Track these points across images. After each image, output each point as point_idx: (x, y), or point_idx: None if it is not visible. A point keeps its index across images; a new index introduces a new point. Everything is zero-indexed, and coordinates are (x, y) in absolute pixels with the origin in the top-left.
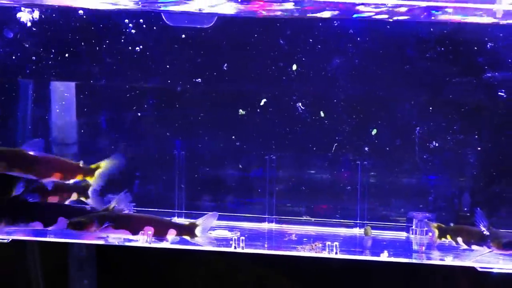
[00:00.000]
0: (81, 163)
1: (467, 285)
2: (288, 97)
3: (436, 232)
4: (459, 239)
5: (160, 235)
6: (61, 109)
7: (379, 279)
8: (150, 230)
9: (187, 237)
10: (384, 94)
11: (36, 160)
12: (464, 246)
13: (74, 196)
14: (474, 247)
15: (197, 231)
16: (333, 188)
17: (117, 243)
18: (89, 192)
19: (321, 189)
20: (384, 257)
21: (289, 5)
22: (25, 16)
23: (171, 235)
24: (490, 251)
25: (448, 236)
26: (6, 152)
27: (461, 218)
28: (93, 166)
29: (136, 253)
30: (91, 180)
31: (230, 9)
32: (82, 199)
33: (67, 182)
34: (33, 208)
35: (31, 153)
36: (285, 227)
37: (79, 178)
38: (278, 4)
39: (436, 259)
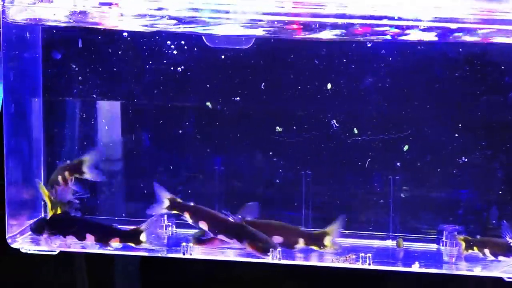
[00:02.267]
0: None
1: None
2: (323, 114)
3: (463, 244)
4: (486, 251)
5: None
6: (107, 128)
7: None
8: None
9: None
10: (415, 112)
11: None
12: (491, 258)
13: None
14: (500, 258)
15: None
16: (367, 202)
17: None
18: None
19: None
20: (416, 268)
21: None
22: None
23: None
24: None
25: (475, 248)
26: None
27: (489, 230)
28: None
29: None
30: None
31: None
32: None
33: None
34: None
35: None
36: None
37: None
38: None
39: (464, 269)
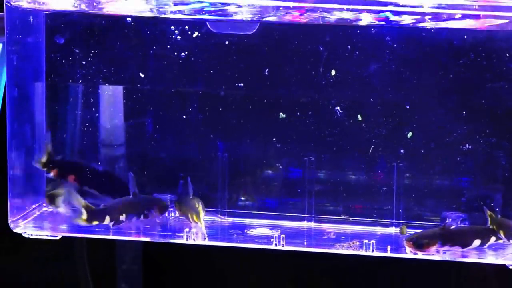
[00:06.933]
0: None
1: (497, 282)
2: (327, 100)
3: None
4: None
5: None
6: (110, 112)
7: (414, 276)
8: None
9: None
10: (419, 99)
11: None
12: None
13: None
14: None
15: None
16: (370, 189)
17: None
18: None
19: (358, 189)
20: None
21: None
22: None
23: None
24: None
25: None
26: None
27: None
28: None
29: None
30: None
31: (271, 17)
32: None
33: None
34: None
35: None
36: (323, 226)
37: None
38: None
39: (470, 257)
